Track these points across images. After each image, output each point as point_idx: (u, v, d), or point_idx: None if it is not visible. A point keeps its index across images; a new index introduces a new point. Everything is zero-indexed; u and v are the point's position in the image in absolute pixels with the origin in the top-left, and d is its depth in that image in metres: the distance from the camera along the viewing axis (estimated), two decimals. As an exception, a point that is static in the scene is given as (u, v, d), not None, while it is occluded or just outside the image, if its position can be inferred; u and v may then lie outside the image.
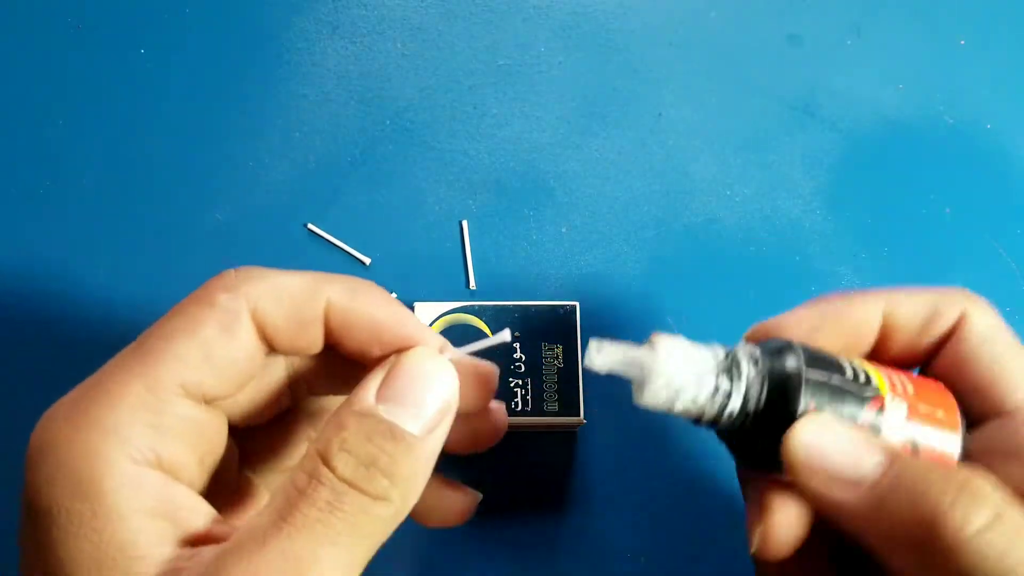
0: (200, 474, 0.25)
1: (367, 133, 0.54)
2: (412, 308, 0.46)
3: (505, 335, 0.28)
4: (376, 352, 0.27)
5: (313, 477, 0.23)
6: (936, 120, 0.55)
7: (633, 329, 0.49)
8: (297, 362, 0.29)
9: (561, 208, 0.52)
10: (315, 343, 0.27)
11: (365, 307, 0.27)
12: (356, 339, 0.27)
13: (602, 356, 0.28)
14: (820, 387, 0.26)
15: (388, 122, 0.54)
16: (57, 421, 0.23)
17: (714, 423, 0.27)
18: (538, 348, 0.45)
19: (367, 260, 0.50)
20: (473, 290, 0.50)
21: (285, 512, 0.22)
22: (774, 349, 0.28)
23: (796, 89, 0.56)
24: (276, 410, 0.30)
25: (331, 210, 0.52)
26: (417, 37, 0.56)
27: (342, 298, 0.27)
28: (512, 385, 0.44)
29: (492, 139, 0.54)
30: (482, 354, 0.28)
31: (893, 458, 0.24)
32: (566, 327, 0.45)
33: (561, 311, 0.46)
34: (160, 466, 0.23)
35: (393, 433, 0.24)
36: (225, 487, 0.28)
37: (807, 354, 0.27)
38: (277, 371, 0.29)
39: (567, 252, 0.51)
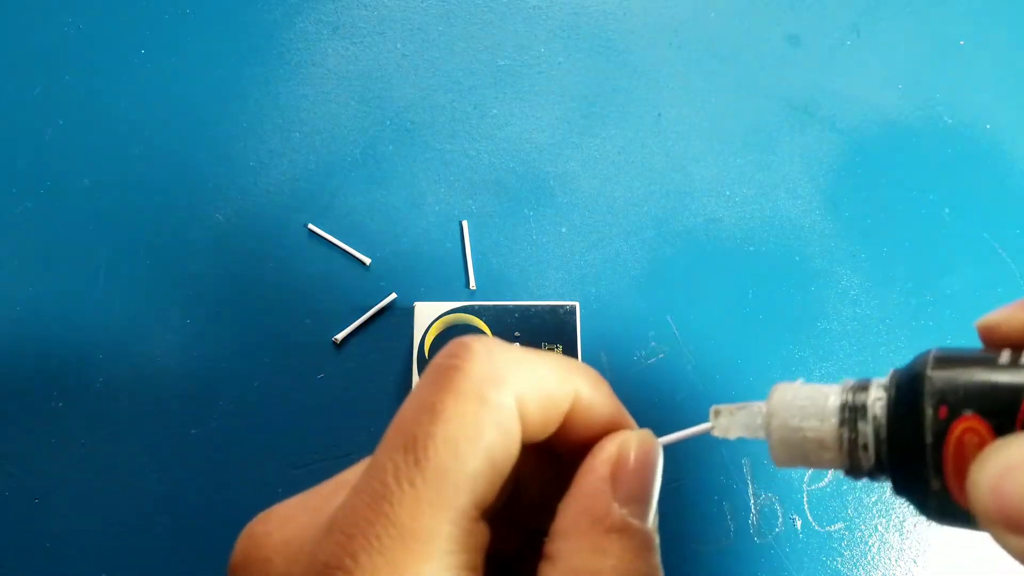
0: None
1: (367, 133, 0.54)
2: (412, 308, 0.46)
3: (707, 426, 0.26)
4: (588, 444, 0.25)
5: None
6: (936, 120, 0.55)
7: (633, 329, 0.49)
8: None
9: (561, 208, 0.52)
10: (549, 433, 0.25)
11: (605, 403, 0.25)
12: (585, 434, 0.25)
13: (721, 420, 0.25)
14: (953, 361, 0.21)
15: (388, 122, 0.54)
16: (348, 568, 0.20)
17: (852, 456, 0.23)
18: (538, 348, 0.45)
19: (367, 260, 0.50)
20: (473, 290, 0.50)
21: None
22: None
23: (796, 89, 0.56)
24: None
25: (331, 210, 0.52)
26: (417, 37, 0.56)
27: (588, 392, 0.25)
28: None
29: (492, 139, 0.54)
30: None
31: None
32: (566, 327, 0.45)
33: (561, 311, 0.46)
34: None
35: (649, 544, 0.23)
36: None
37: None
38: None
39: (567, 252, 0.51)
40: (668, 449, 0.46)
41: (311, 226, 0.51)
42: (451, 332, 0.45)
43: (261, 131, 0.53)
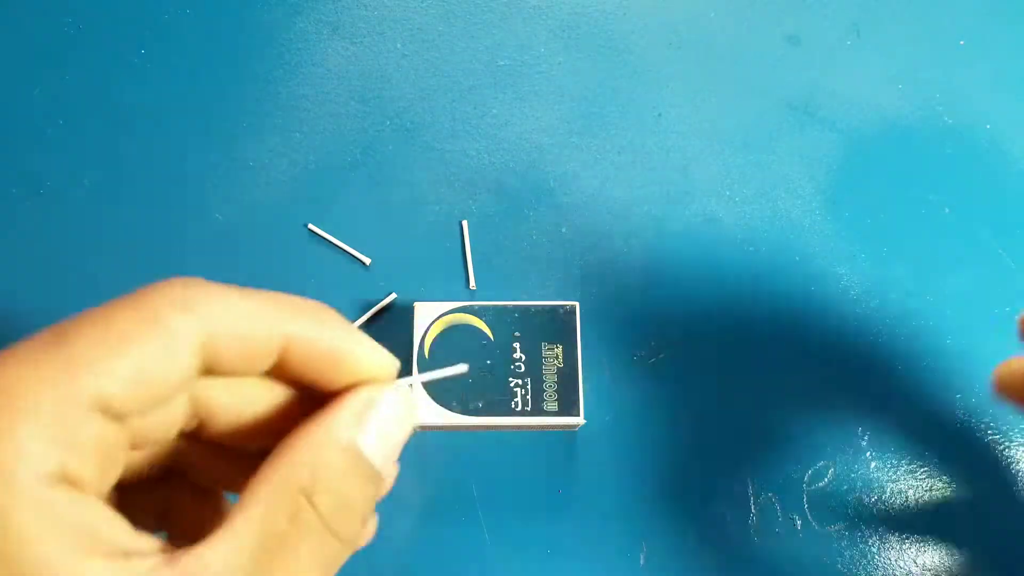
0: (101, 481, 0.23)
1: (367, 133, 0.54)
2: (412, 308, 0.46)
3: (462, 367, 0.27)
4: (331, 384, 0.25)
5: (295, 521, 0.22)
6: (935, 120, 0.55)
7: (633, 329, 0.49)
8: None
9: (561, 208, 0.52)
10: (259, 371, 0.24)
11: (329, 341, 0.24)
12: (313, 374, 0.25)
13: None
14: None
15: (388, 122, 0.54)
16: None
17: None
18: (538, 348, 0.45)
19: (367, 260, 0.50)
20: (473, 290, 0.50)
21: (264, 557, 0.21)
22: None
23: (796, 89, 0.56)
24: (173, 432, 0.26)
25: (331, 210, 0.52)
26: (417, 37, 0.56)
27: (306, 333, 0.24)
28: (512, 385, 0.44)
29: (492, 139, 0.54)
30: (484, 354, 0.27)
31: None
32: (566, 327, 0.45)
33: (561, 311, 0.46)
34: (69, 483, 0.21)
35: (372, 476, 0.23)
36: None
37: None
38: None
39: (567, 252, 0.51)
40: (669, 449, 0.46)
41: (311, 226, 0.51)
42: (451, 332, 0.45)
43: (261, 131, 0.53)
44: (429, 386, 0.44)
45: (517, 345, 0.45)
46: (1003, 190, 0.54)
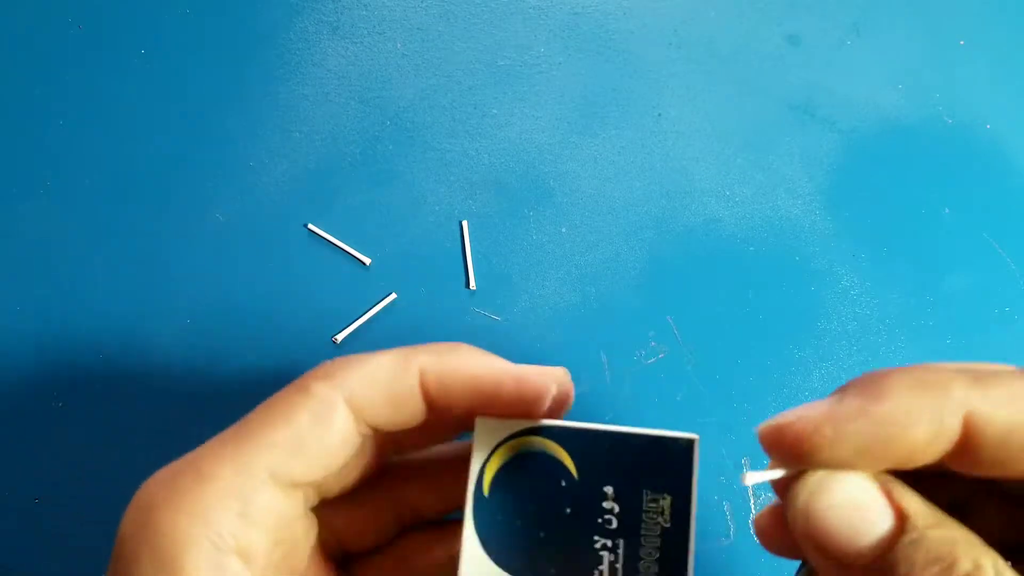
0: (274, 556, 0.26)
1: (367, 133, 0.54)
2: (473, 423, 0.30)
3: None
4: (482, 408, 0.27)
5: None
6: (935, 120, 0.55)
7: (633, 329, 0.49)
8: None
9: (561, 208, 0.52)
10: (417, 414, 0.27)
11: (457, 365, 0.27)
12: (458, 399, 0.27)
13: None
14: None
15: (388, 122, 0.54)
16: (150, 499, 0.25)
17: None
18: (638, 497, 0.29)
19: (367, 260, 0.50)
20: (473, 290, 0.50)
21: None
22: None
23: (796, 89, 0.56)
24: (365, 477, 0.30)
25: (331, 210, 0.52)
26: (417, 37, 0.56)
27: (431, 363, 0.27)
28: (598, 547, 0.29)
29: (492, 139, 0.54)
30: (563, 498, 0.27)
31: (904, 524, 0.22)
32: (678, 469, 0.29)
33: (673, 445, 0.29)
34: (239, 552, 0.24)
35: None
36: (296, 563, 0.29)
37: None
38: (369, 444, 0.29)
39: (567, 252, 0.51)
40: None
41: (311, 226, 0.51)
42: (520, 461, 0.29)
43: (261, 131, 0.53)
44: (483, 539, 0.29)
45: (609, 490, 0.30)
46: (1003, 190, 0.54)
